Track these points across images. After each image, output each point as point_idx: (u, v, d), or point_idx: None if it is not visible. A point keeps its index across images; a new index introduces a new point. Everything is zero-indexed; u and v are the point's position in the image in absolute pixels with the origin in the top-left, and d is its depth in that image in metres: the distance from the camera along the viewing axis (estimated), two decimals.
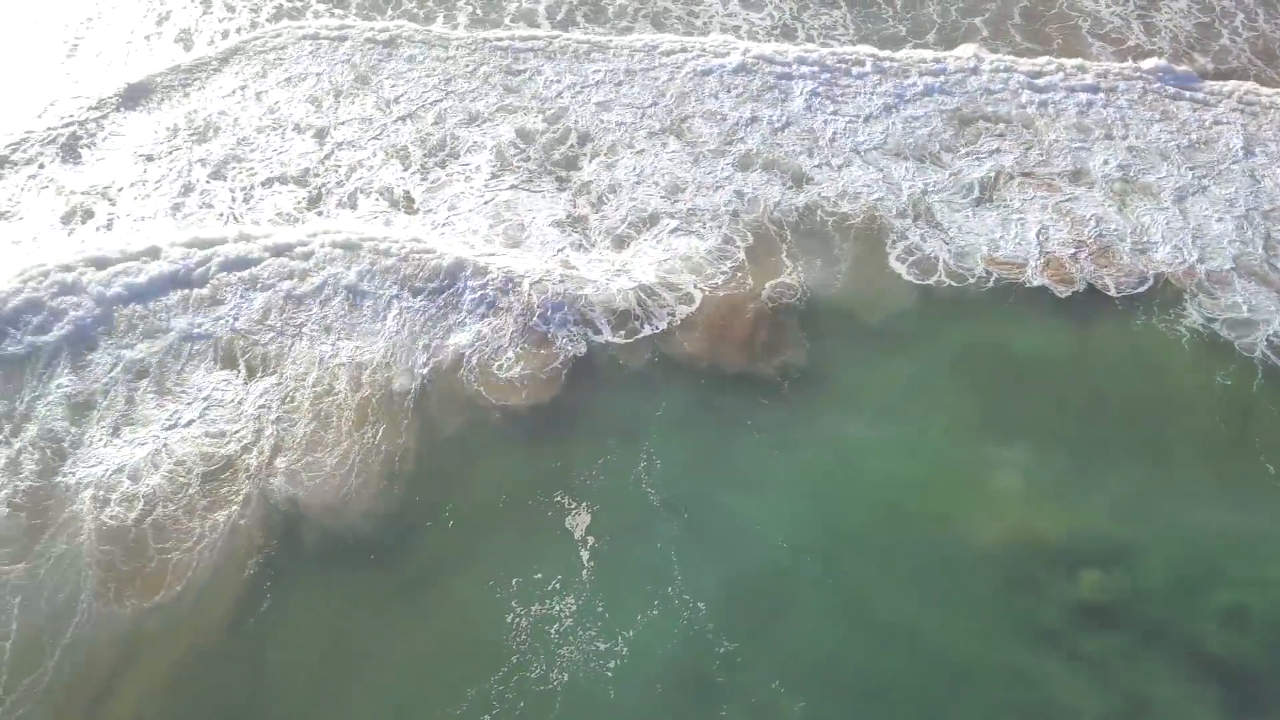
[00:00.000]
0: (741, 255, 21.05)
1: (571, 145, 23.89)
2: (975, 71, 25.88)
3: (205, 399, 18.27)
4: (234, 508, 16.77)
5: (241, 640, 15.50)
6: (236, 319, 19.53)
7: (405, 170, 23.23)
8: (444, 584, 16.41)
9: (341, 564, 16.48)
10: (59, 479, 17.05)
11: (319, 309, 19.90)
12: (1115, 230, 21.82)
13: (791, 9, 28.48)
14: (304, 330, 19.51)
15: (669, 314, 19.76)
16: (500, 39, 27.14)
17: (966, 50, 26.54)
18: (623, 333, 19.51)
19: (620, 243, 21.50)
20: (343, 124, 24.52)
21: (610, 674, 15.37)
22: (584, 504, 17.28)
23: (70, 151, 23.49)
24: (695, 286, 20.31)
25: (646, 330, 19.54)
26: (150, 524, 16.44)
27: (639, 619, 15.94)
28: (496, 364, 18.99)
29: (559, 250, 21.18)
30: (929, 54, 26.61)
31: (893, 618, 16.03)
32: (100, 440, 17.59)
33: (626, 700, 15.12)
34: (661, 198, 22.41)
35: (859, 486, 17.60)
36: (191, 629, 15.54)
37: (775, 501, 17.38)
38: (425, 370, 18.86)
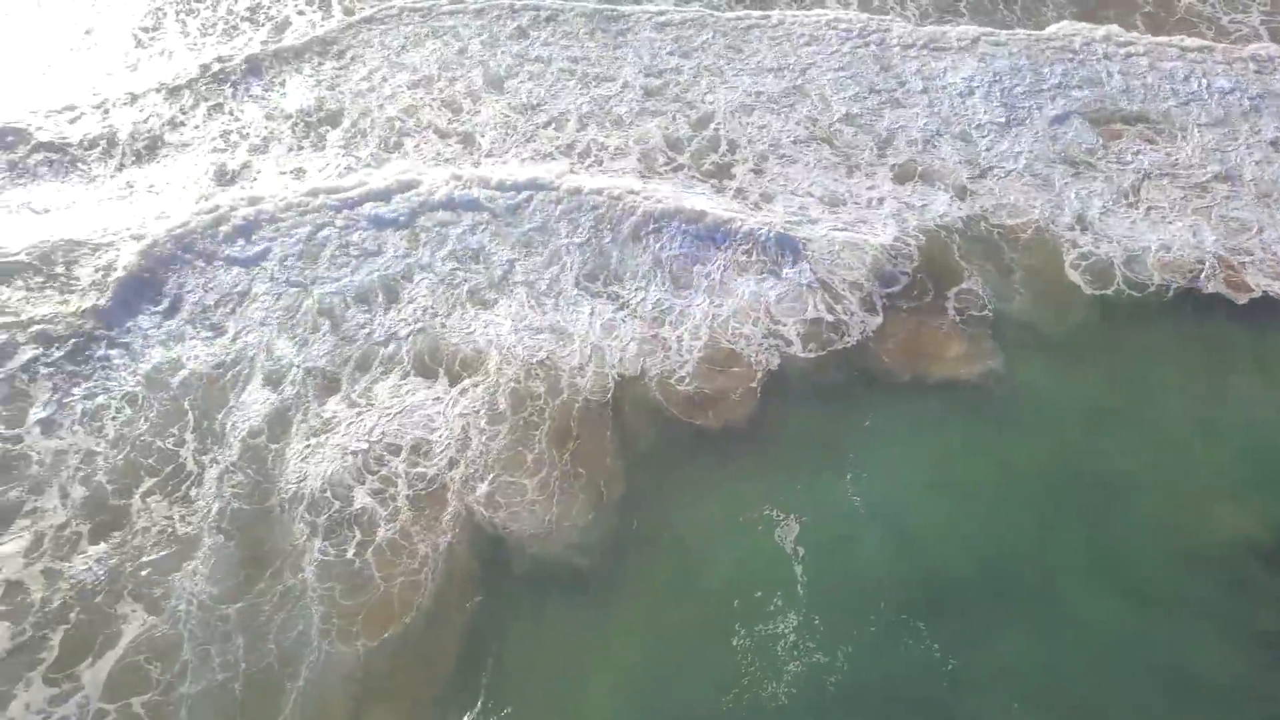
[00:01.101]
0: (918, 263, 20.75)
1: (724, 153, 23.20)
2: (1108, 58, 25.69)
3: (403, 406, 17.53)
4: (449, 534, 16.19)
5: (472, 673, 14.91)
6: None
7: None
8: (662, 608, 15.94)
9: (555, 589, 15.95)
10: (270, 502, 16.24)
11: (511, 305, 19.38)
12: None
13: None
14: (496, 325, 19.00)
15: (859, 324, 19.44)
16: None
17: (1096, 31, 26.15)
18: (814, 345, 19.10)
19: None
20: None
21: (834, 691, 15.06)
22: (792, 521, 16.89)
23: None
24: (879, 296, 20.00)
25: (838, 344, 19.09)
26: (372, 552, 15.77)
27: (856, 634, 15.64)
28: (686, 378, 18.52)
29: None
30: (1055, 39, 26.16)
31: (1111, 626, 15.78)
32: (299, 454, 16.74)
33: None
34: (822, 206, 21.97)
35: (1072, 490, 17.35)
36: (424, 664, 14.99)
37: (986, 509, 17.07)
38: (616, 382, 18.29)
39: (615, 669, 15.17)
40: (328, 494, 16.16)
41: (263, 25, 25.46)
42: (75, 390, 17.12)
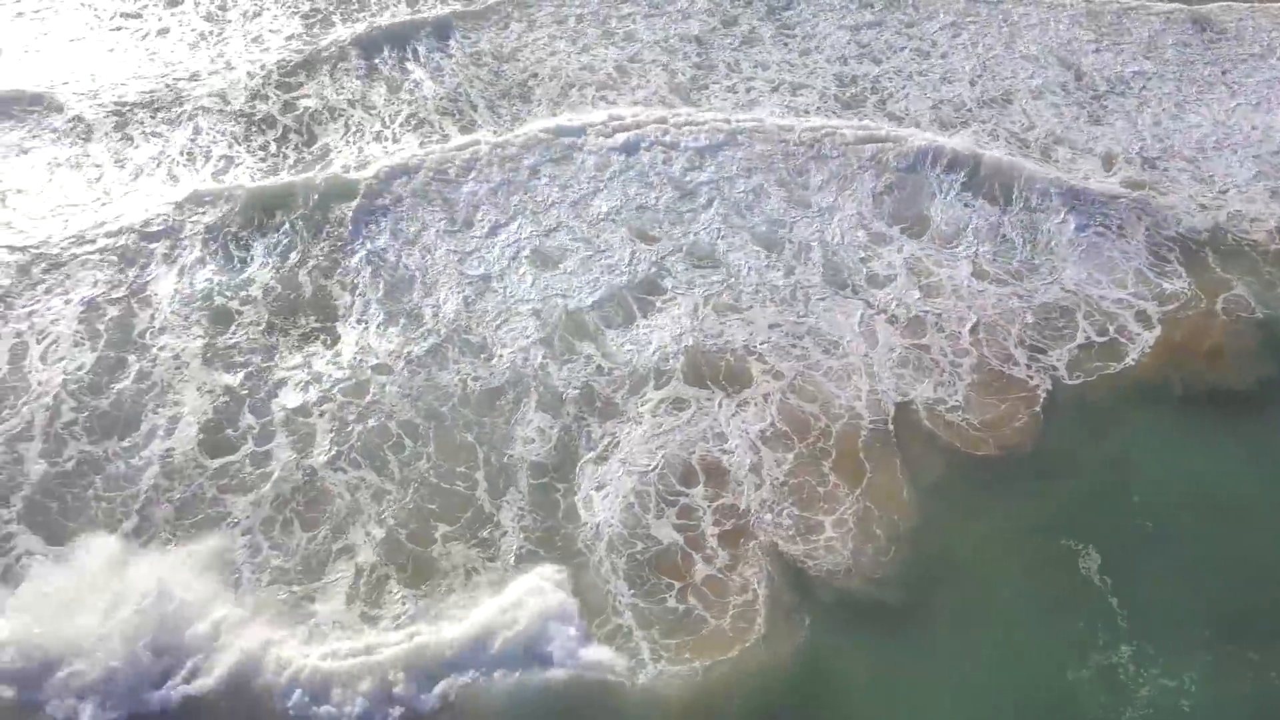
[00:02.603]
0: (1181, 270, 19.92)
1: None
2: None
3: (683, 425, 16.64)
4: (760, 569, 15.36)
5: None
6: None
7: None
8: (974, 645, 15.07)
9: (863, 623, 15.11)
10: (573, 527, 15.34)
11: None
12: None
13: None
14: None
15: (1134, 338, 18.61)
16: None
17: None
18: (1086, 363, 18.26)
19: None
20: None
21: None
22: (1092, 550, 16.04)
23: None
24: (1155, 309, 19.11)
25: (1113, 361, 18.26)
26: (690, 593, 15.03)
27: (1182, 662, 14.87)
28: (959, 407, 17.65)
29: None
30: None
31: None
32: (590, 482, 15.84)
33: None
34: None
35: None
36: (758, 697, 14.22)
37: None
38: (893, 406, 17.47)
39: (939, 700, 14.53)
40: (626, 531, 15.43)
41: None
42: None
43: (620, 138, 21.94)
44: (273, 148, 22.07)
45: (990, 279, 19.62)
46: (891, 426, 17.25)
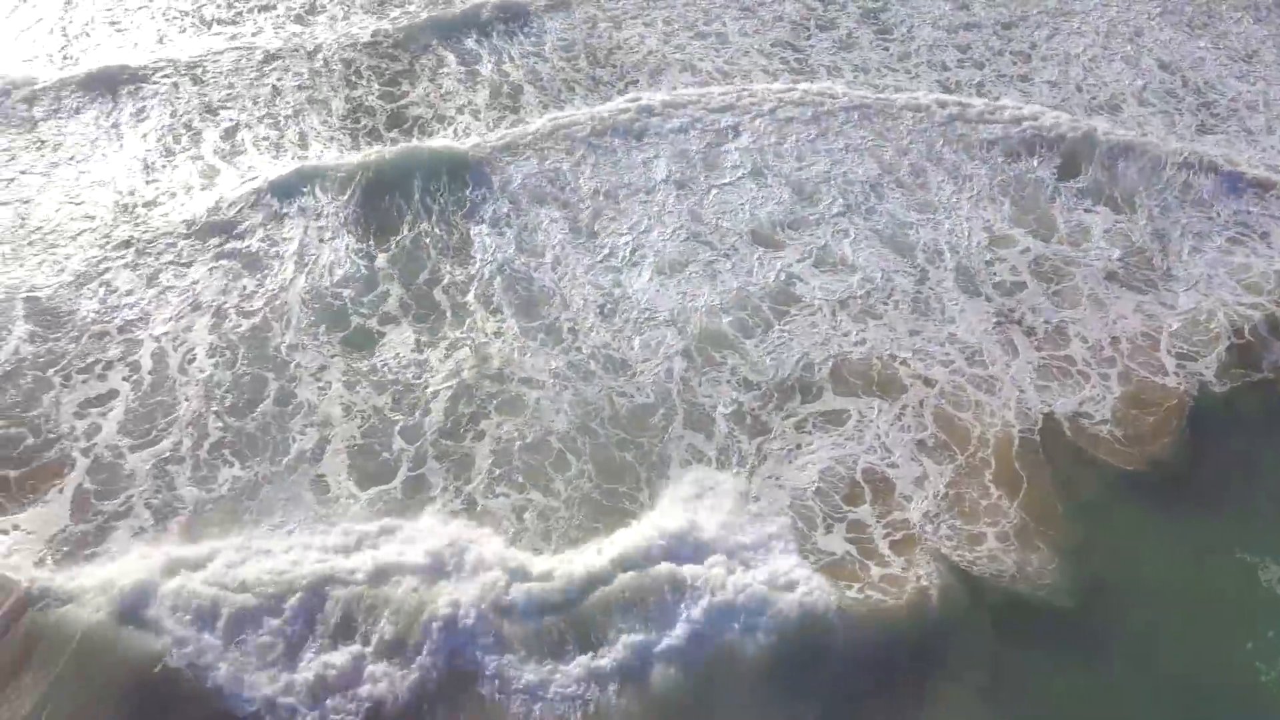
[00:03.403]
0: None
1: None
2: None
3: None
4: (929, 569, 14.78)
5: None
6: None
7: None
8: (1151, 655, 14.59)
9: (1036, 638, 14.53)
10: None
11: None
12: None
13: None
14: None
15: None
16: None
17: None
18: (1234, 370, 17.96)
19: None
20: None
21: None
22: (1270, 564, 15.63)
23: None
24: None
25: (1260, 369, 17.96)
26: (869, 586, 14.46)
27: None
28: (1106, 420, 17.14)
29: None
30: None
31: None
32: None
33: None
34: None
35: None
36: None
37: None
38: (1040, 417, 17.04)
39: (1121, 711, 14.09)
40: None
41: None
42: None
43: (731, 134, 21.64)
44: (372, 127, 22.13)
45: (1123, 283, 19.28)
46: (1039, 438, 16.91)
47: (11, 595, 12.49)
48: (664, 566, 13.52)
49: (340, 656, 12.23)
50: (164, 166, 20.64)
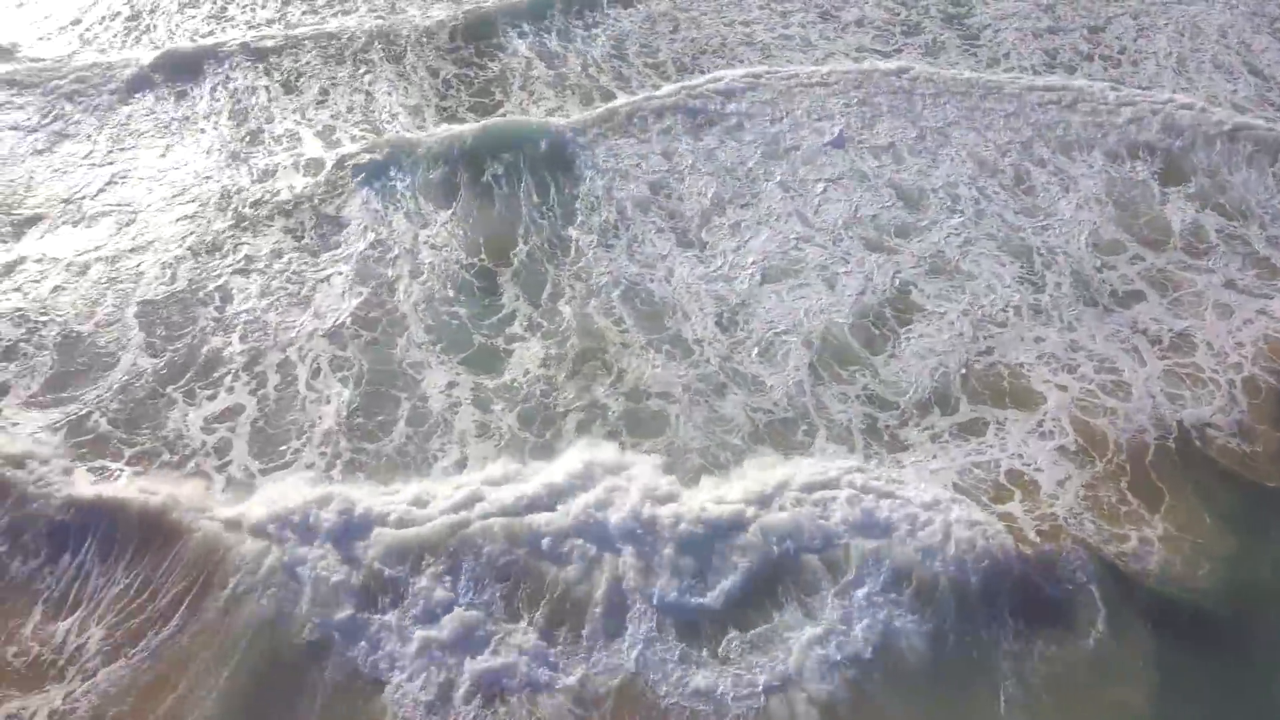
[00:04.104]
0: None
1: None
2: None
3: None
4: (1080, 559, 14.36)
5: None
6: None
7: None
8: None
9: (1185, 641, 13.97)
10: None
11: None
12: None
13: None
14: None
15: None
16: None
17: None
18: None
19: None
20: None
21: None
22: None
23: None
24: None
25: None
26: None
27: None
28: (1237, 433, 16.66)
29: None
30: None
31: None
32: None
33: None
34: None
35: None
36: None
37: None
38: (1174, 427, 16.68)
39: None
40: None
41: None
42: None
43: (832, 136, 21.39)
44: (460, 110, 22.07)
45: (1244, 290, 18.96)
46: (1174, 446, 16.58)
47: None
48: None
49: None
50: (260, 155, 20.36)
